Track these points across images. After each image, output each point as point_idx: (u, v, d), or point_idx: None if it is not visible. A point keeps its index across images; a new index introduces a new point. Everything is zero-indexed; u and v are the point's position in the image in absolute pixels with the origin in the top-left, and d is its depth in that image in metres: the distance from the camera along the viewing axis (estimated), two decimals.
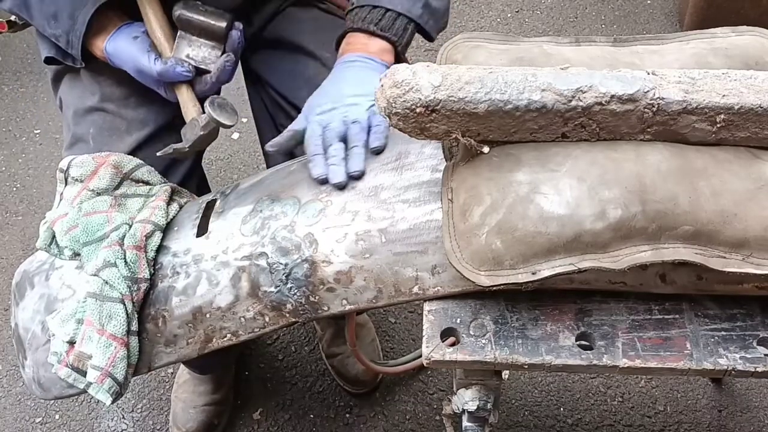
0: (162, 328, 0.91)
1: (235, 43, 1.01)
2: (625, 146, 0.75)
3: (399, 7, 0.98)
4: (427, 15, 1.00)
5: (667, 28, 2.27)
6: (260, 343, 1.62)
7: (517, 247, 0.72)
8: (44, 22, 0.99)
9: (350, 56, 0.98)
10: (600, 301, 0.80)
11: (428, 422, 1.50)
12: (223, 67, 0.99)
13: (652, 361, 0.76)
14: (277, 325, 0.88)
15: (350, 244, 0.83)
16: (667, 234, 0.71)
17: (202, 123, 0.99)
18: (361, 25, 0.98)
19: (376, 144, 0.90)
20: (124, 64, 1.00)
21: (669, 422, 1.47)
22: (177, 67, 0.97)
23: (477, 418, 0.89)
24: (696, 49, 0.83)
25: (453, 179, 0.79)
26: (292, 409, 1.54)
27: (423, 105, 0.72)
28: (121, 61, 1.00)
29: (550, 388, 1.53)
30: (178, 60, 0.97)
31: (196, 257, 0.91)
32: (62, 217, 0.96)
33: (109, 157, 0.99)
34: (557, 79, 0.72)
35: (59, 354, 0.89)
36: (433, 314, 0.81)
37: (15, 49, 2.37)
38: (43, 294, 0.95)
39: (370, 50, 0.98)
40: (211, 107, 0.98)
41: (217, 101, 1.00)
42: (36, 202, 1.96)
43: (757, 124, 0.73)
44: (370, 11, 0.99)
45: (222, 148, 2.04)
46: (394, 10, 0.98)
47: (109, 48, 0.99)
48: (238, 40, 1.01)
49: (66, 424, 1.54)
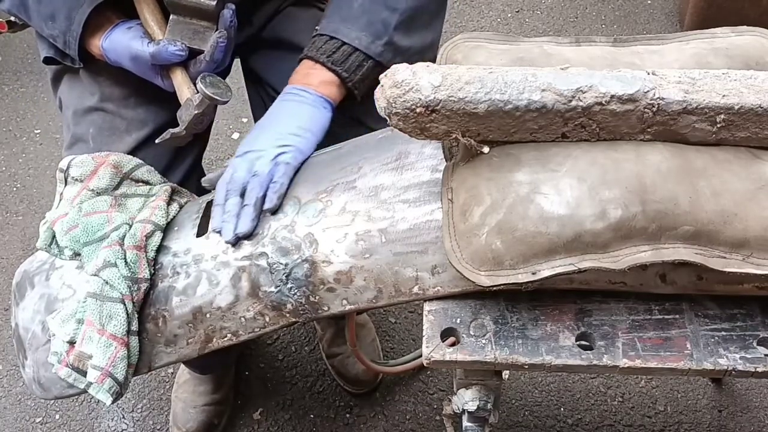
0: (162, 328, 0.91)
1: (227, 22, 0.98)
2: (625, 146, 0.75)
3: (356, 42, 0.95)
4: (390, 53, 0.97)
5: (667, 28, 2.27)
6: (260, 343, 1.62)
7: (517, 247, 0.72)
8: (42, 23, 0.99)
9: (288, 88, 0.98)
10: (600, 301, 0.80)
11: (428, 422, 1.50)
12: (216, 45, 0.97)
13: (652, 361, 0.76)
14: (277, 325, 0.88)
15: (350, 244, 0.83)
16: (668, 234, 0.71)
17: (196, 101, 0.97)
18: (315, 54, 0.97)
19: (268, 205, 0.88)
20: (120, 57, 0.99)
21: (669, 422, 1.47)
22: (169, 47, 0.95)
23: (477, 418, 0.89)
24: (696, 49, 0.83)
25: (453, 179, 0.79)
26: (292, 409, 1.54)
27: (423, 105, 0.72)
28: (116, 55, 0.99)
29: (550, 388, 1.53)
30: (170, 40, 0.96)
31: (197, 257, 0.91)
32: (62, 217, 0.96)
33: (108, 157, 0.99)
34: (557, 79, 0.72)
35: (59, 354, 0.89)
36: (433, 314, 0.81)
37: (15, 49, 2.37)
38: (44, 294, 0.95)
39: (309, 81, 0.97)
40: (203, 83, 0.97)
41: (209, 78, 0.98)
42: (36, 202, 1.96)
43: (757, 124, 0.73)
44: (327, 42, 0.97)
45: (222, 148, 2.04)
46: (350, 45, 0.96)
47: (105, 44, 0.99)
48: (230, 19, 0.98)
49: (66, 424, 1.54)
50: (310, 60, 0.97)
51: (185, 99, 0.99)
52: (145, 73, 1.00)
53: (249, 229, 0.87)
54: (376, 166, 0.88)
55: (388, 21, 0.96)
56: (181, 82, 0.99)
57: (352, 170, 0.89)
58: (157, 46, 0.95)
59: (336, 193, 0.87)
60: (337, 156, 0.93)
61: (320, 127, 0.96)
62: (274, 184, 0.89)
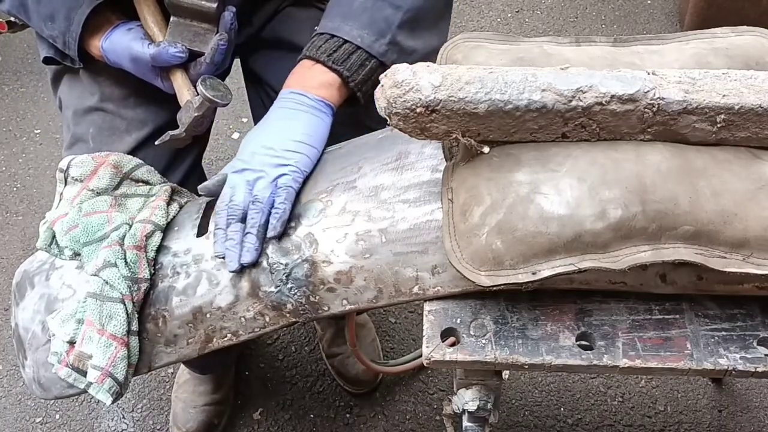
0: (162, 328, 0.91)
1: (228, 24, 0.97)
2: (626, 146, 0.75)
3: (359, 40, 0.91)
4: (394, 53, 0.92)
5: (667, 28, 2.27)
6: (260, 343, 1.62)
7: (517, 247, 0.72)
8: (41, 23, 0.99)
9: (284, 92, 0.94)
10: (600, 301, 0.80)
11: (428, 422, 1.50)
12: (216, 47, 0.96)
13: (652, 361, 0.76)
14: (277, 325, 0.88)
15: (350, 244, 0.83)
16: (668, 234, 0.71)
17: (196, 104, 0.97)
18: (314, 53, 0.92)
19: (271, 234, 0.85)
20: (120, 58, 0.99)
21: (669, 422, 1.47)
22: (170, 49, 0.95)
23: (477, 418, 0.89)
24: (696, 49, 0.83)
25: (453, 179, 0.79)
26: (292, 409, 1.54)
27: (423, 105, 0.72)
28: (116, 55, 0.98)
29: (550, 388, 1.53)
30: (171, 42, 0.96)
31: (197, 257, 0.91)
32: (62, 217, 0.96)
33: (108, 157, 0.99)
34: (557, 79, 0.72)
35: (59, 354, 0.89)
36: (433, 314, 0.81)
37: (15, 49, 2.37)
38: (44, 294, 0.95)
39: (306, 84, 0.92)
40: (203, 86, 0.96)
41: (209, 81, 0.98)
42: (36, 202, 1.96)
43: (757, 124, 0.73)
44: (327, 40, 0.93)
45: (222, 148, 2.04)
46: (352, 43, 0.91)
47: (105, 45, 0.98)
48: (230, 21, 0.97)
49: (66, 424, 1.54)
50: (309, 60, 0.94)
51: (185, 101, 0.99)
52: (145, 74, 1.00)
53: (254, 259, 0.85)
54: (376, 166, 0.88)
55: (391, 19, 0.92)
56: (181, 84, 0.99)
57: (352, 170, 0.89)
58: (158, 48, 0.95)
59: (336, 193, 0.87)
60: (337, 156, 0.93)
61: (320, 137, 0.92)
62: (276, 211, 0.86)
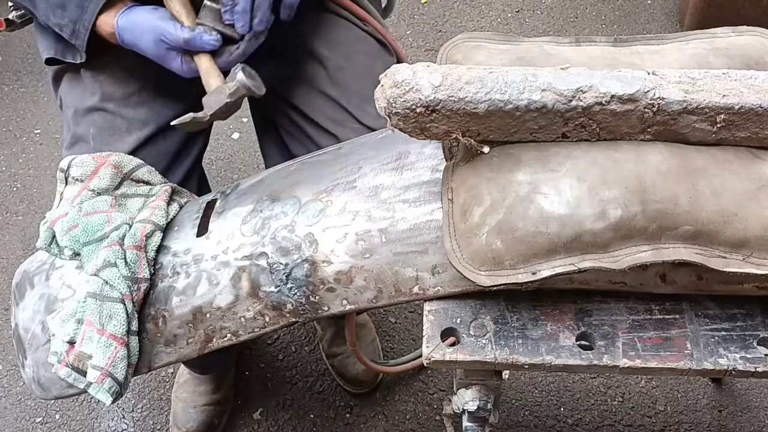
0: (162, 328, 0.91)
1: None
2: (626, 146, 0.75)
3: None
4: None
5: (667, 28, 2.27)
6: (260, 343, 1.62)
7: (517, 247, 0.72)
8: (49, 11, 0.97)
9: None
10: (600, 301, 0.80)
11: (428, 422, 1.50)
12: (252, 38, 0.95)
13: (652, 361, 0.76)
14: (277, 325, 0.88)
15: (350, 244, 0.83)
16: (668, 234, 0.71)
17: (230, 90, 0.95)
18: None
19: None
20: (138, 37, 0.95)
21: (669, 422, 1.47)
22: (204, 35, 0.93)
23: (477, 418, 0.89)
24: (696, 49, 0.83)
25: (453, 179, 0.79)
26: (292, 408, 1.54)
27: (423, 105, 0.72)
28: (134, 35, 0.95)
29: (550, 388, 1.53)
30: (207, 28, 0.94)
31: (197, 257, 0.91)
32: (62, 217, 0.96)
33: (109, 157, 0.99)
34: (557, 79, 0.72)
35: (59, 354, 0.89)
36: (433, 314, 0.81)
37: (15, 49, 2.37)
38: (43, 294, 0.95)
39: None
40: (244, 73, 0.95)
41: (248, 69, 0.96)
42: (36, 202, 1.96)
43: (757, 124, 0.73)
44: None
45: (222, 148, 2.04)
46: None
47: (121, 22, 0.95)
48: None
49: (66, 424, 1.54)
50: None
51: (215, 86, 0.96)
52: (163, 56, 0.97)
53: (267, 26, 0.84)
54: (376, 166, 0.88)
55: None
56: (209, 69, 0.97)
57: (352, 170, 0.89)
58: (192, 33, 0.93)
59: (336, 193, 0.87)
60: (337, 156, 0.93)
61: None
62: None
